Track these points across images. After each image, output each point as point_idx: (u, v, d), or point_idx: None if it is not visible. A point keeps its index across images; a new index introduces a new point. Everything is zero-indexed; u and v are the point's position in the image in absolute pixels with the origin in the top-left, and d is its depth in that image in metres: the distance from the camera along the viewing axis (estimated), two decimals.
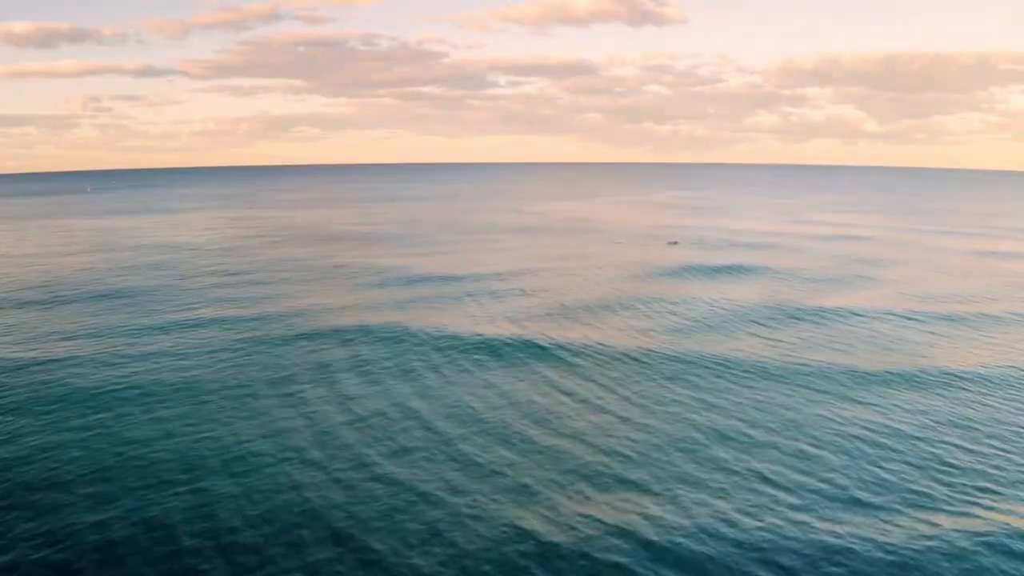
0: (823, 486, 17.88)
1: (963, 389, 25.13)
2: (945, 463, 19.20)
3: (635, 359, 27.94)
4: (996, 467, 18.97)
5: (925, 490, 17.67)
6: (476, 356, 28.22)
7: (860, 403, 23.65)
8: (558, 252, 59.37)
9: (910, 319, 35.53)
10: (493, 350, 28.93)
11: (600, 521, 16.16)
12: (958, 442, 20.57)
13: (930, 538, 15.47)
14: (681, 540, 15.40)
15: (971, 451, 19.99)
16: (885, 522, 16.18)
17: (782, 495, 17.44)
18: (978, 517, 16.40)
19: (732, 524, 16.07)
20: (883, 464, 19.13)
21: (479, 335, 30.81)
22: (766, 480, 18.19)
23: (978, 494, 17.54)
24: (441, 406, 23.03)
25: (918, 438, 20.83)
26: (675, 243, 67.88)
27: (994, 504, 17.01)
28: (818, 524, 16.07)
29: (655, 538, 15.45)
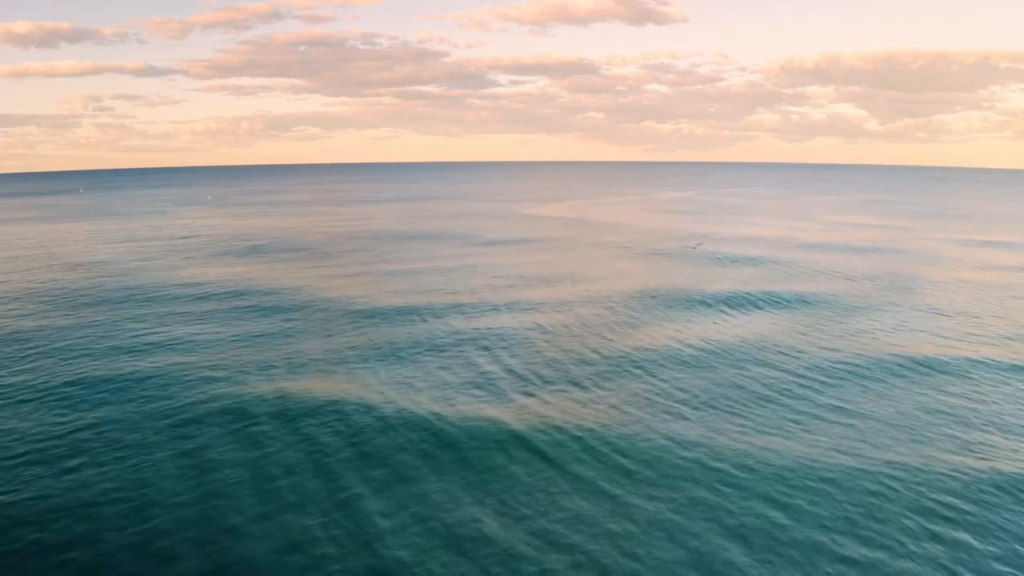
0: None
1: None
2: None
3: (645, 454, 20.31)
4: None
5: None
6: (421, 445, 20.55)
7: (982, 527, 16.57)
8: (552, 270, 51.89)
9: (1002, 373, 28.10)
10: (446, 438, 21.10)
11: None
12: None
13: None
14: None
15: None
16: None
17: None
18: None
19: None
20: None
21: (429, 413, 22.81)
22: None
23: None
24: (369, 526, 15.97)
25: None
26: (698, 245, 65.00)
27: None
28: None
29: None
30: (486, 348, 30.74)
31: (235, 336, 32.58)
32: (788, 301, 40.80)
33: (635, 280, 47.40)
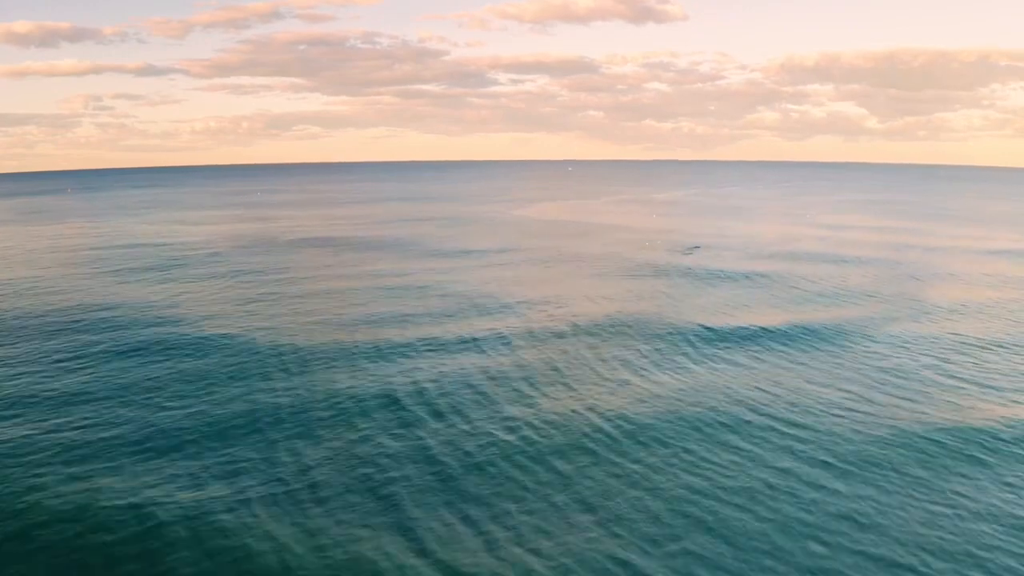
0: None
1: None
2: None
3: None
4: None
5: None
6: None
7: None
8: (521, 290, 45.99)
9: None
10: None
11: None
12: None
13: None
14: None
15: None
16: None
17: None
18: None
19: None
20: None
21: (304, 538, 16.93)
22: None
23: None
24: None
25: None
26: (696, 248, 63.41)
27: None
28: None
29: None
30: (403, 412, 24.50)
31: (111, 390, 26.61)
32: (785, 334, 35.06)
33: (611, 304, 41.62)
